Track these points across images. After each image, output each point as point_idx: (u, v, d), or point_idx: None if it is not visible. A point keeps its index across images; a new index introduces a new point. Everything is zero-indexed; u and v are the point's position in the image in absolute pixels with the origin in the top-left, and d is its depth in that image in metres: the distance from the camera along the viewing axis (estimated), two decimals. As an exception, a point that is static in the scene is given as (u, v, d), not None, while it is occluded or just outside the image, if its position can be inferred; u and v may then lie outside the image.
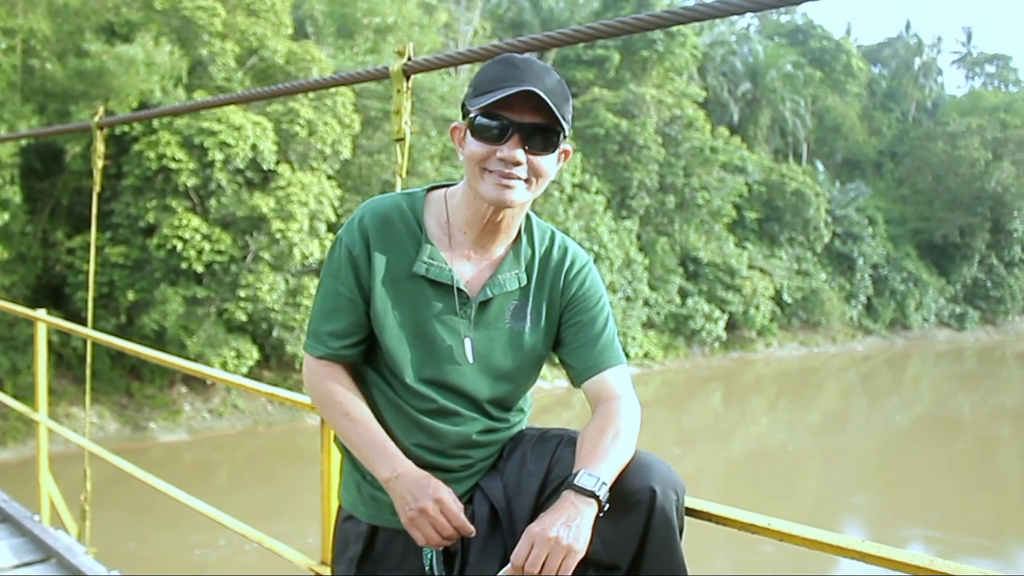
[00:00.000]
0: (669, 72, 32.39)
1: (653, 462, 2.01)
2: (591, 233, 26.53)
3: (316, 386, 2.14)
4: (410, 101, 2.87)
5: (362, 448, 2.07)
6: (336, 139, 19.84)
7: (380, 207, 2.11)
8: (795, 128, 40.01)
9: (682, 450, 22.17)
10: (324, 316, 2.11)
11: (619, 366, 2.16)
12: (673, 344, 29.63)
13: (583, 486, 1.89)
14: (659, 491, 1.93)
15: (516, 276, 2.13)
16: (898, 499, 18.85)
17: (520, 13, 30.69)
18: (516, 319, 2.14)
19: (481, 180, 2.01)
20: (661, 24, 2.30)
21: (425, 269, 2.06)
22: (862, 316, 36.98)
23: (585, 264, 2.20)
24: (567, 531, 1.83)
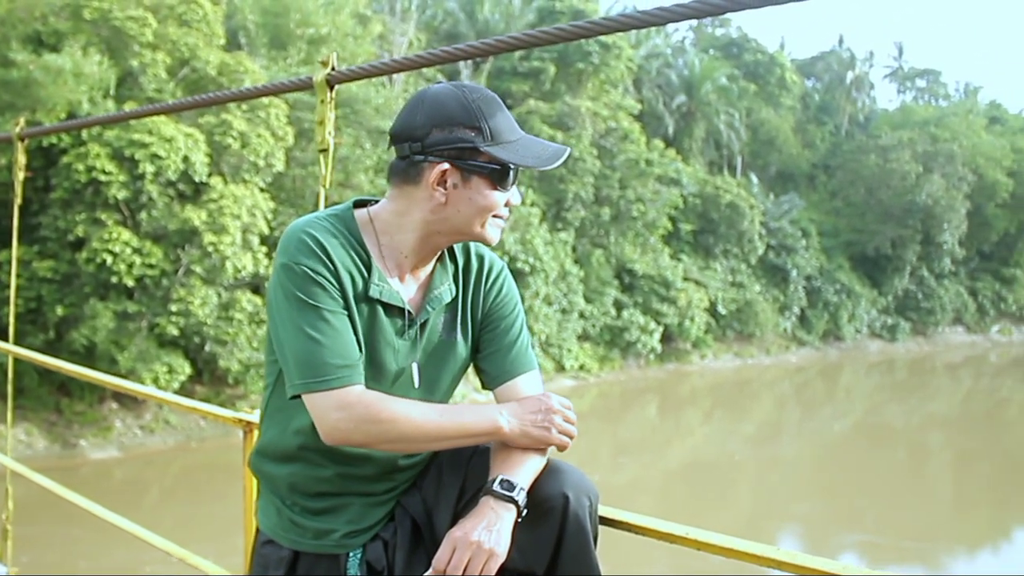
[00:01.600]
0: (605, 84, 32.58)
1: (566, 468, 2.03)
2: (526, 245, 26.56)
3: (374, 416, 1.96)
4: (334, 112, 2.83)
5: (462, 425, 1.99)
6: (269, 151, 19.67)
7: (319, 226, 2.03)
8: (730, 141, 40.39)
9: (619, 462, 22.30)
10: (329, 344, 1.95)
11: (531, 372, 2.17)
12: (609, 356, 29.76)
13: (502, 491, 1.91)
14: (572, 497, 1.96)
15: (447, 289, 2.14)
16: (833, 506, 19.11)
17: (455, 25, 30.71)
18: (449, 332, 2.15)
19: (487, 226, 2.04)
20: (595, 32, 2.30)
21: (379, 292, 2.03)
22: (796, 327, 37.40)
23: (501, 271, 2.22)
24: (488, 535, 1.86)
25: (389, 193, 2.09)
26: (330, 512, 2.11)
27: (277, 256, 2.01)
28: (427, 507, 2.14)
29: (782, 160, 44.17)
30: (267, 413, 2.17)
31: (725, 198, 34.99)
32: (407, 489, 2.17)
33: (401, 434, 1.98)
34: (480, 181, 1.99)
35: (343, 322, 1.98)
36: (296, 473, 2.11)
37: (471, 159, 1.98)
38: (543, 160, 2.00)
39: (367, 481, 2.12)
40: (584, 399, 27.32)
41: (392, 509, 2.15)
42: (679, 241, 34.50)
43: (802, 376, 34.77)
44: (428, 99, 2.02)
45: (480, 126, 1.98)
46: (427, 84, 13.94)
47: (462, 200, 2.00)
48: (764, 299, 35.71)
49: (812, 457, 24.17)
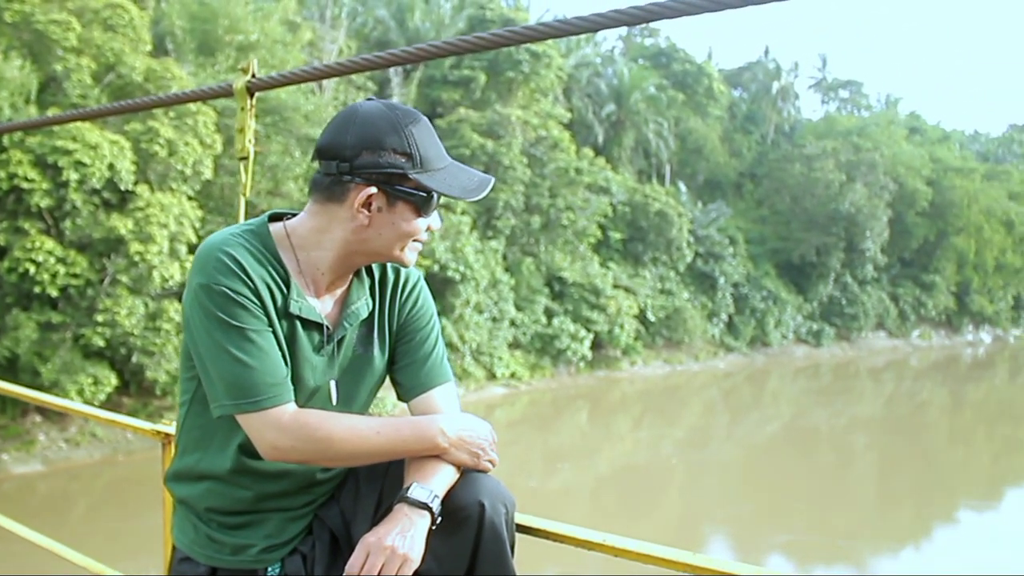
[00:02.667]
0: (535, 93, 32.69)
1: (482, 477, 2.05)
2: (457, 254, 26.55)
3: (311, 435, 1.95)
4: (254, 119, 2.80)
5: (400, 441, 2.00)
6: (198, 159, 19.41)
7: (235, 244, 1.98)
8: (658, 149, 40.73)
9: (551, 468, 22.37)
10: (258, 365, 1.93)
11: (446, 384, 2.19)
12: (539, 364, 29.82)
13: (416, 498, 1.93)
14: (488, 505, 1.98)
15: (364, 303, 2.13)
16: (762, 508, 19.37)
17: (386, 32, 30.63)
18: (365, 346, 2.15)
19: (407, 250, 2.04)
20: (524, 39, 2.31)
21: (299, 308, 2.01)
22: (724, 334, 37.80)
23: (418, 282, 2.23)
24: (402, 540, 1.87)
25: (309, 207, 2.05)
26: (248, 527, 2.09)
27: (193, 275, 1.97)
28: (345, 519, 2.14)
29: (710, 169, 44.67)
30: (184, 430, 2.13)
31: (654, 206, 35.25)
32: (325, 502, 2.17)
33: (339, 452, 1.97)
34: (405, 207, 1.98)
35: (268, 340, 1.96)
36: (213, 490, 2.08)
37: (399, 185, 1.96)
38: (469, 191, 2.00)
39: (285, 496, 2.10)
40: (515, 407, 27.38)
41: (310, 522, 2.14)
42: (609, 249, 34.68)
43: (730, 381, 35.18)
44: (360, 118, 1.99)
45: (411, 152, 1.96)
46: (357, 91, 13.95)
47: (385, 224, 1.99)
48: (693, 306, 36.02)
49: (741, 460, 24.48)
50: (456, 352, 26.42)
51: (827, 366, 39.62)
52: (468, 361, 26.86)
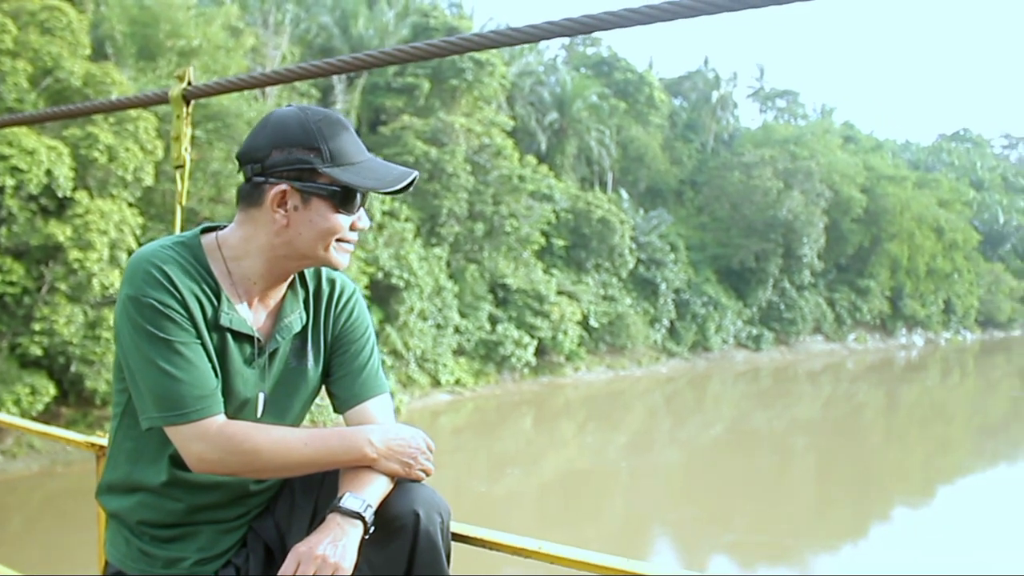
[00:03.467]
0: (478, 101, 32.77)
1: (417, 486, 2.04)
2: (401, 261, 26.54)
3: (237, 448, 1.95)
4: (191, 127, 2.78)
5: (328, 453, 1.99)
6: (138, 165, 19.22)
7: (165, 256, 1.97)
8: (601, 157, 40.93)
9: (495, 474, 22.44)
10: (185, 377, 1.93)
11: (381, 395, 2.19)
12: (484, 370, 29.85)
13: (348, 508, 1.92)
14: (423, 514, 1.98)
15: (298, 316, 2.12)
16: (705, 510, 19.63)
17: (329, 39, 30.54)
18: (298, 359, 2.14)
19: (330, 250, 2.01)
20: (469, 47, 2.30)
21: (229, 320, 2.00)
22: (666, 339, 38.08)
23: (352, 294, 2.23)
24: (333, 549, 1.86)
25: (237, 217, 2.05)
26: (180, 540, 2.07)
27: (122, 287, 1.96)
28: (280, 531, 2.13)
29: (651, 176, 44.97)
30: (116, 442, 2.11)
31: (596, 213, 35.46)
32: (260, 514, 2.16)
33: (266, 464, 1.97)
34: (320, 203, 1.97)
35: (197, 352, 1.95)
36: (145, 502, 2.06)
37: (310, 180, 1.96)
38: (385, 183, 1.98)
39: (218, 508, 2.09)
40: (460, 413, 27.41)
41: (244, 535, 2.13)
42: (552, 256, 34.81)
43: (672, 386, 35.48)
44: (271, 121, 2.01)
45: (319, 147, 1.96)
46: (301, 98, 14.02)
47: (303, 223, 1.98)
48: (635, 312, 36.26)
49: (684, 464, 24.73)
50: (401, 359, 26.41)
51: (767, 370, 40.11)
52: (413, 368, 26.85)
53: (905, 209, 48.74)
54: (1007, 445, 28.46)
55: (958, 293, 54.06)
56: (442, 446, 24.87)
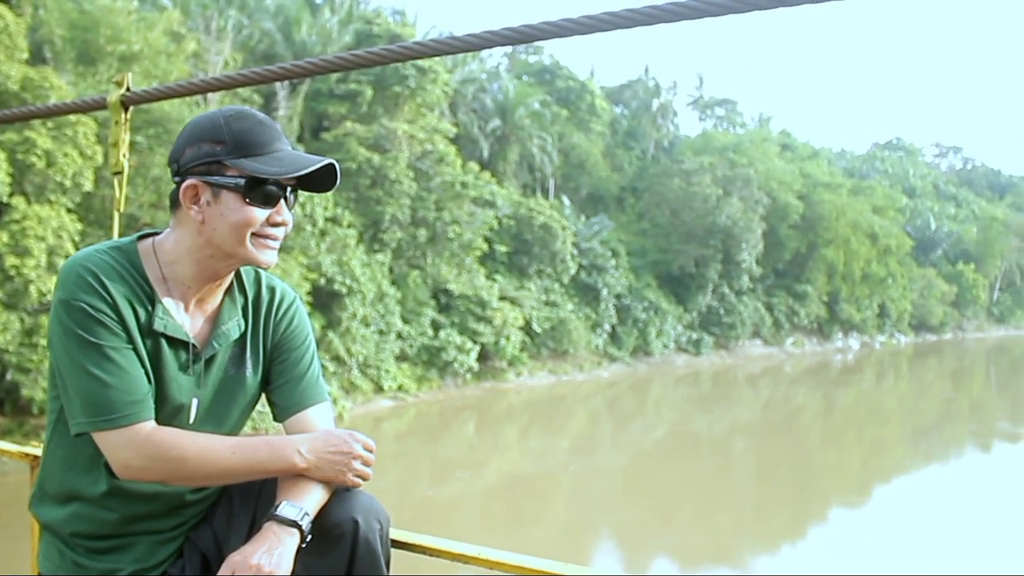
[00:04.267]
0: (421, 108, 32.74)
1: (356, 494, 2.04)
2: (343, 267, 26.47)
3: (163, 455, 1.93)
4: (128, 133, 2.73)
5: (256, 463, 1.97)
6: (77, 171, 18.98)
7: (98, 260, 1.96)
8: (543, 164, 41.06)
9: (438, 480, 22.45)
10: (115, 382, 1.91)
11: (321, 404, 2.17)
12: (427, 376, 29.79)
13: (285, 516, 1.91)
14: (362, 522, 1.97)
15: (236, 324, 2.11)
16: (647, 513, 19.81)
17: (272, 45, 30.38)
18: (237, 367, 2.12)
19: (248, 245, 1.97)
20: (412, 55, 2.28)
21: (164, 325, 1.98)
22: (607, 344, 38.26)
23: (293, 302, 2.22)
24: (269, 558, 1.84)
25: (171, 222, 2.05)
26: (115, 551, 2.04)
27: (55, 291, 1.94)
28: (218, 541, 2.11)
29: (592, 183, 45.21)
30: (49, 451, 2.08)
31: (538, 219, 35.56)
32: (197, 524, 2.14)
33: (192, 471, 1.94)
34: (229, 195, 1.94)
35: (128, 358, 1.92)
36: (79, 513, 2.03)
37: (218, 173, 1.95)
38: (290, 169, 1.95)
39: (153, 518, 2.06)
40: (403, 419, 27.37)
41: (181, 545, 2.12)
42: (494, 262, 34.83)
43: (614, 391, 35.66)
44: (190, 123, 2.02)
45: (225, 139, 1.95)
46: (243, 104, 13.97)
47: (216, 217, 1.95)
48: (577, 317, 36.36)
49: (627, 467, 24.90)
50: (343, 365, 26.33)
51: (707, 374, 40.44)
52: (355, 374, 26.79)
53: (841, 216, 49.50)
54: (940, 445, 29.08)
55: (892, 298, 55.03)
56: (385, 452, 24.85)
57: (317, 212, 26.56)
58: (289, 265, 24.80)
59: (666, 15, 1.85)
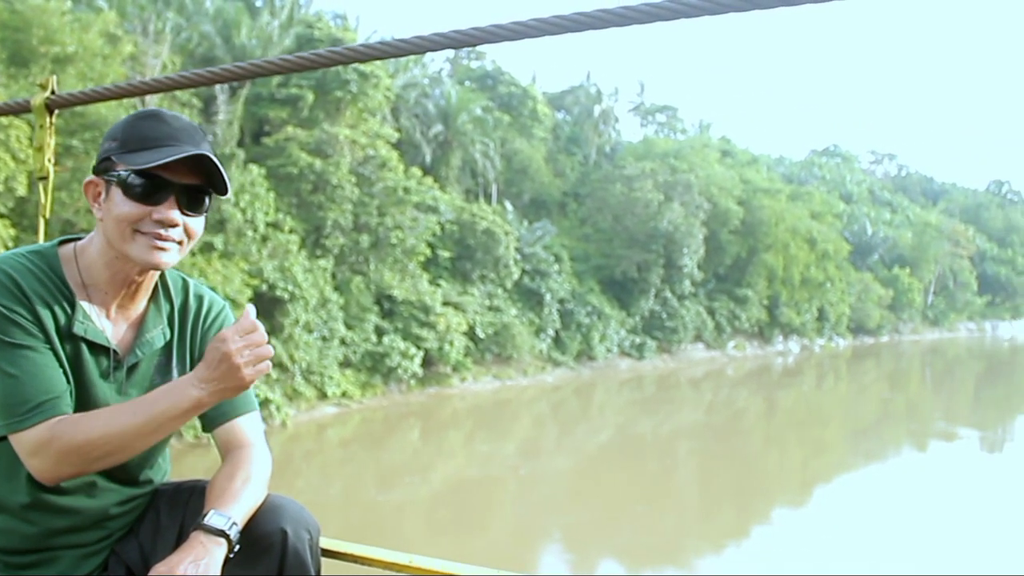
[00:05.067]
0: (363, 113, 32.58)
1: (285, 504, 2.03)
2: (285, 273, 26.26)
3: (68, 444, 1.85)
4: (54, 137, 2.63)
5: (160, 414, 1.88)
6: (10, 175, 18.62)
7: (15, 263, 1.92)
8: (485, 169, 41.08)
9: (383, 487, 22.33)
10: (28, 381, 1.86)
11: (251, 413, 2.15)
12: (371, 382, 29.61)
13: (212, 525, 1.86)
14: (291, 532, 1.95)
15: (161, 332, 2.07)
16: (593, 516, 19.85)
17: (211, 48, 30.00)
18: (163, 375, 2.08)
19: (132, 242, 1.92)
20: (354, 58, 2.23)
21: (84, 330, 1.94)
22: (551, 349, 38.31)
23: (221, 310, 2.18)
24: (195, 568, 1.79)
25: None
26: (38, 566, 1.99)
27: None
28: (144, 553, 2.07)
29: (535, 188, 45.31)
30: None
31: (481, 225, 35.56)
32: (123, 536, 2.10)
33: (104, 449, 1.87)
34: (116, 191, 1.91)
35: (45, 358, 1.88)
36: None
37: (109, 170, 1.93)
38: (155, 158, 1.90)
39: (77, 532, 2.01)
40: (347, 426, 27.19)
41: (106, 558, 2.07)
42: (437, 267, 34.77)
43: (558, 395, 35.75)
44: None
45: (120, 136, 1.93)
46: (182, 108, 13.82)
47: (107, 213, 1.93)
48: (520, 322, 36.38)
49: (572, 471, 24.96)
50: (286, 372, 26.10)
51: (650, 378, 40.67)
52: (298, 381, 26.55)
53: (780, 221, 50.12)
54: (878, 445, 29.55)
55: (831, 301, 55.77)
56: (330, 459, 24.71)
57: (258, 217, 26.31)
58: (230, 271, 24.53)
59: (617, 19, 1.83)
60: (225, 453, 2.10)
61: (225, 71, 2.28)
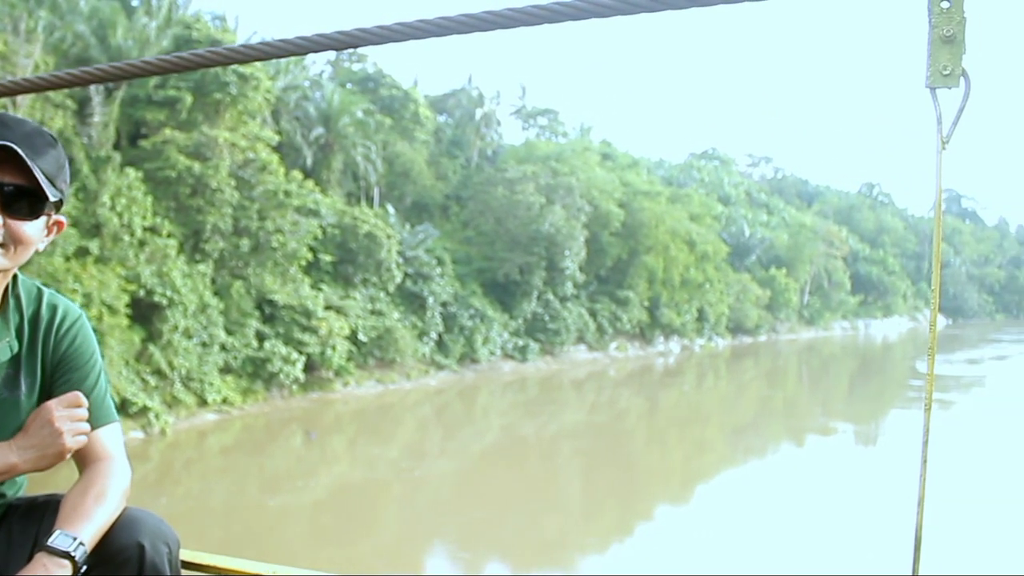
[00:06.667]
0: (243, 115, 32.08)
1: (142, 517, 1.96)
2: (163, 278, 25.72)
3: None
4: None
5: None
6: None
7: None
8: (367, 172, 40.82)
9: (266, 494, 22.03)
10: None
11: (109, 425, 2.09)
12: (252, 388, 29.18)
13: (57, 547, 1.81)
14: (148, 546, 1.89)
15: (8, 344, 2.00)
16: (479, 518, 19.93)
17: (86, 49, 29.11)
18: (10, 388, 2.01)
19: None
20: (233, 59, 2.08)
21: None
22: (434, 352, 38.31)
23: (76, 320, 2.11)
24: None
25: None
26: None
27: None
28: None
29: (417, 191, 45.24)
30: None
31: (363, 228, 35.37)
32: None
33: None
34: None
35: None
36: None
37: None
38: None
39: None
40: (228, 433, 26.78)
41: None
42: (319, 271, 34.45)
43: (442, 398, 35.79)
44: None
45: None
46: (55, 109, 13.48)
47: None
48: (403, 326, 36.30)
49: (457, 473, 25.04)
50: (165, 379, 25.56)
51: (533, 380, 40.99)
52: (178, 388, 26.02)
53: (660, 223, 50.95)
54: (758, 441, 30.36)
55: (710, 302, 56.94)
56: (211, 467, 24.29)
57: (135, 222, 25.72)
58: (107, 276, 23.92)
59: (506, 21, 1.77)
60: (82, 467, 2.04)
61: (100, 71, 2.13)
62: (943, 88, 1.30)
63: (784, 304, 65.94)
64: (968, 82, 1.29)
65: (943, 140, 1.32)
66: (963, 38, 1.29)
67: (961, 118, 1.32)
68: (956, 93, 1.31)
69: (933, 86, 1.31)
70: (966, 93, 1.30)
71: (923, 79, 1.31)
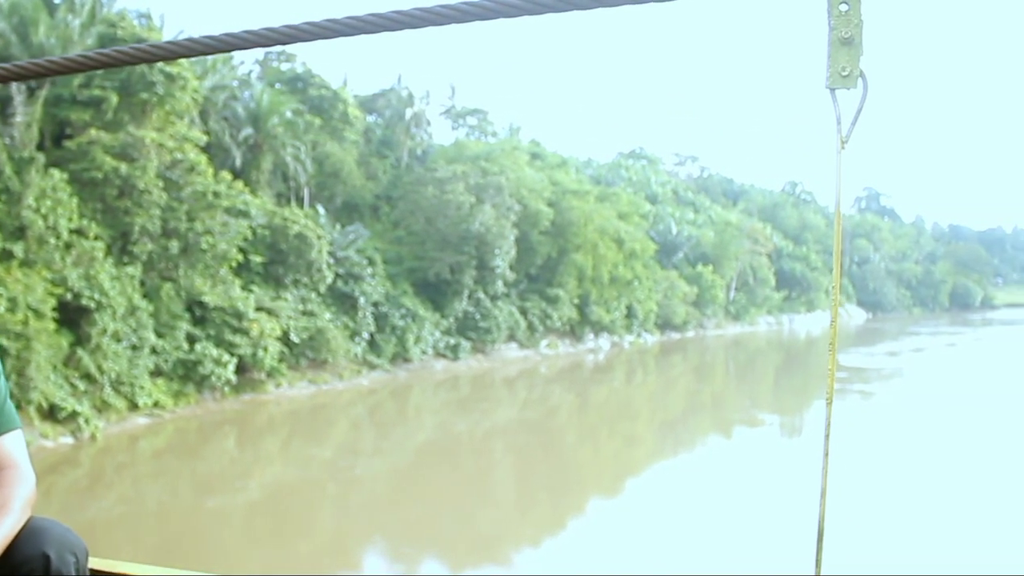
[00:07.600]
0: (170, 115, 31.76)
1: (48, 527, 1.93)
2: (91, 281, 25.44)
3: None
4: None
5: None
6: None
7: None
8: (297, 173, 40.65)
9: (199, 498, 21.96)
10: None
11: (11, 432, 2.08)
12: (184, 391, 28.96)
13: None
14: (54, 556, 1.87)
15: None
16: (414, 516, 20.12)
17: (7, 47, 28.60)
18: None
19: None
20: (159, 56, 2.06)
21: None
22: (366, 352, 38.29)
23: None
24: None
25: None
26: None
27: None
28: None
29: (347, 191, 45.11)
30: None
31: (293, 229, 35.26)
32: None
33: None
34: None
35: None
36: None
37: None
38: None
39: None
40: (160, 436, 26.58)
41: None
42: (250, 272, 34.24)
43: (375, 398, 35.82)
44: None
45: None
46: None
47: None
48: (335, 326, 36.25)
49: (392, 472, 25.15)
50: (94, 383, 25.30)
51: (465, 378, 41.20)
52: (108, 392, 25.76)
53: (589, 221, 51.45)
54: (687, 435, 30.93)
55: (639, 299, 57.55)
56: (143, 472, 24.10)
57: (61, 224, 25.41)
58: (32, 280, 23.63)
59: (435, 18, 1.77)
60: None
61: (19, 67, 2.10)
62: (842, 89, 1.34)
63: (711, 300, 66.85)
64: (866, 83, 1.34)
65: (842, 140, 1.36)
66: (861, 40, 1.33)
67: (860, 118, 1.35)
68: (855, 94, 1.34)
69: (833, 87, 1.34)
70: (864, 94, 1.34)
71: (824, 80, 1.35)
